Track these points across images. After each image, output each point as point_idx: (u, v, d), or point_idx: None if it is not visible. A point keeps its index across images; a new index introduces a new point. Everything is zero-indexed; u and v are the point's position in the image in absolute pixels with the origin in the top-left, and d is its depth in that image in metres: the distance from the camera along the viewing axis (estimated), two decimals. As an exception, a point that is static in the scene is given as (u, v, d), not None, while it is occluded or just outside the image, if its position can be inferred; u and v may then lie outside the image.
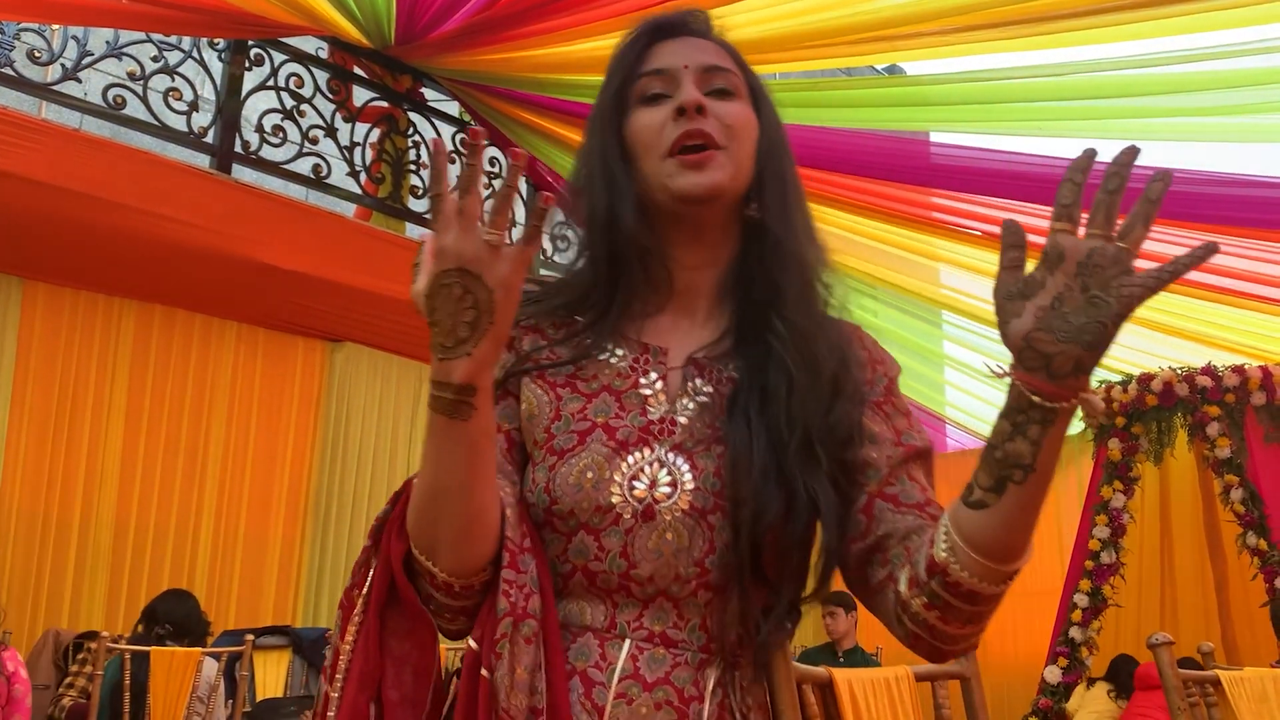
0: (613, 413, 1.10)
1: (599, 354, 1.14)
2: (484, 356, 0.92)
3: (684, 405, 1.11)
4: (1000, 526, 0.93)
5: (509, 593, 0.97)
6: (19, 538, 5.12)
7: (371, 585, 1.02)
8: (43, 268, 5.17)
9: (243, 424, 5.91)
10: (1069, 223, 0.90)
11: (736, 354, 1.14)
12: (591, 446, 1.08)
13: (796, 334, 1.11)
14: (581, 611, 1.06)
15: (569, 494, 1.06)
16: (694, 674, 1.04)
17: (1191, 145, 5.15)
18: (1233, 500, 5.91)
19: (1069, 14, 4.33)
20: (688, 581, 1.04)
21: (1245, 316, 6.01)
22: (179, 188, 4.73)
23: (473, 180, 0.88)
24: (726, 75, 1.16)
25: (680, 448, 1.08)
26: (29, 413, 5.20)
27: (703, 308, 1.18)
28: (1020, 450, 0.90)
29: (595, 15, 4.95)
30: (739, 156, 1.14)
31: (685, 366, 1.14)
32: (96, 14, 4.84)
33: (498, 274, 0.89)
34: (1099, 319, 0.85)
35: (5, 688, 4.02)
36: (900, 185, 5.76)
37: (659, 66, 1.16)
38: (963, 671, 1.69)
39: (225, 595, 5.73)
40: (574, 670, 1.03)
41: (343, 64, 5.88)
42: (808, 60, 5.35)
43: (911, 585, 1.00)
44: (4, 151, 4.28)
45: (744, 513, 1.03)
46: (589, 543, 1.05)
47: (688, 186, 1.11)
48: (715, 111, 1.13)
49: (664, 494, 1.05)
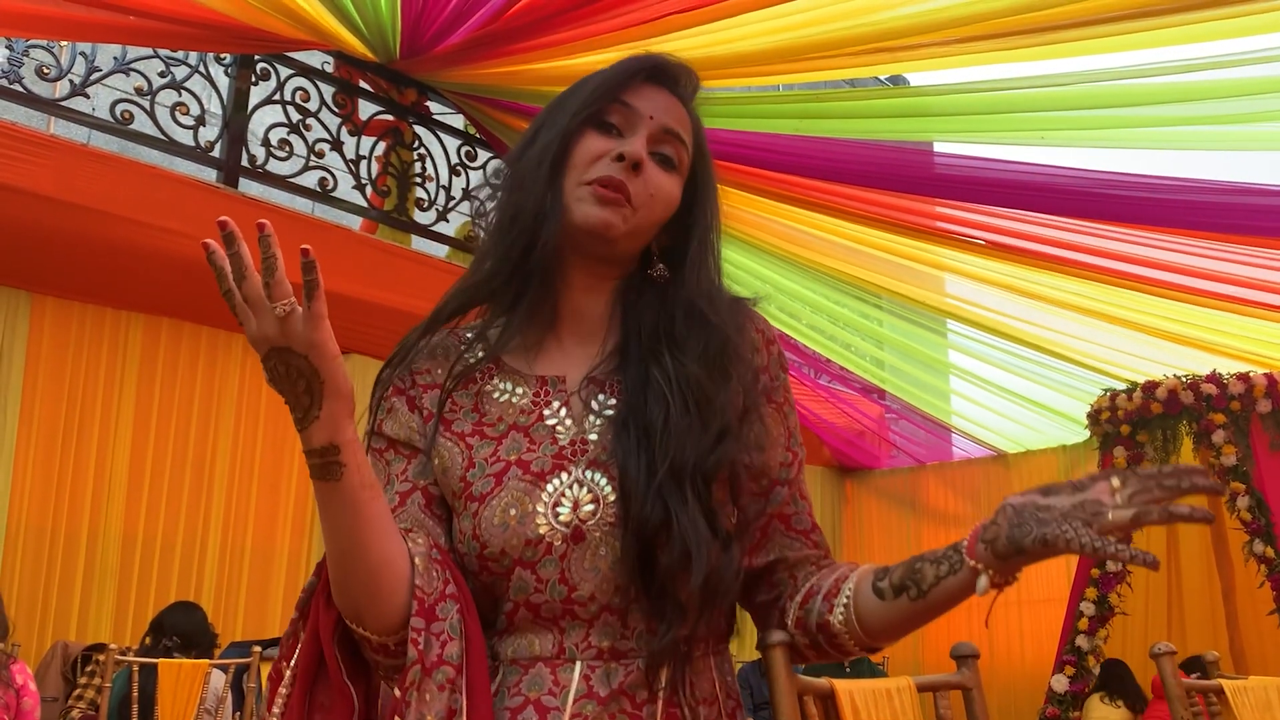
0: (524, 448, 1.12)
1: (498, 395, 1.17)
2: (333, 414, 0.95)
3: (591, 422, 1.13)
4: (891, 620, 1.09)
5: (416, 641, 0.98)
6: (27, 550, 5.14)
7: (299, 660, 1.04)
8: (51, 281, 5.20)
9: (250, 436, 5.93)
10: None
11: (623, 373, 1.16)
12: (509, 485, 1.09)
13: (681, 372, 1.13)
14: (530, 644, 1.08)
15: (496, 535, 1.07)
16: (644, 678, 1.06)
17: (1195, 154, 5.16)
18: (1239, 508, 5.90)
19: (1071, 24, 4.34)
20: (627, 590, 1.06)
21: (1250, 324, 6.01)
22: (186, 202, 4.75)
23: (240, 269, 0.92)
24: (677, 147, 1.19)
25: (595, 463, 1.10)
26: (37, 425, 5.22)
27: (589, 329, 1.20)
28: (926, 576, 1.06)
29: (598, 29, 4.98)
30: (641, 222, 1.16)
31: (585, 387, 1.16)
32: (104, 30, 4.88)
33: (301, 339, 0.93)
34: (1045, 535, 0.98)
35: (14, 701, 4.04)
36: (905, 195, 5.77)
37: (630, 102, 1.18)
38: (964, 681, 1.70)
39: (232, 607, 5.75)
40: (528, 700, 1.05)
41: (348, 78, 5.91)
42: (812, 72, 5.37)
43: (799, 626, 1.16)
44: (13, 167, 4.31)
45: (630, 526, 1.06)
46: (526, 578, 1.07)
47: (585, 216, 1.14)
48: (647, 175, 1.15)
49: (588, 512, 1.07)
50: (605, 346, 1.18)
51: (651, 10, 4.80)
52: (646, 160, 1.16)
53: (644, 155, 1.15)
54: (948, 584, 1.04)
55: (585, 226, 1.14)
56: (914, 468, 9.04)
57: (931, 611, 1.07)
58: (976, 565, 1.02)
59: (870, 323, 7.89)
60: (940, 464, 8.93)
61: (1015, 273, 6.11)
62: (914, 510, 8.90)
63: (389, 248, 5.59)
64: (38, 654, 4.96)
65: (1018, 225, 5.61)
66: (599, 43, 5.09)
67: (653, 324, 1.16)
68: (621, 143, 1.15)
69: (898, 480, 9.05)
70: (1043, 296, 6.27)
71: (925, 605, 1.06)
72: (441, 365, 1.20)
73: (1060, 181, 5.22)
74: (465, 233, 6.40)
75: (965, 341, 7.39)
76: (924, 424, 8.66)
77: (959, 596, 1.05)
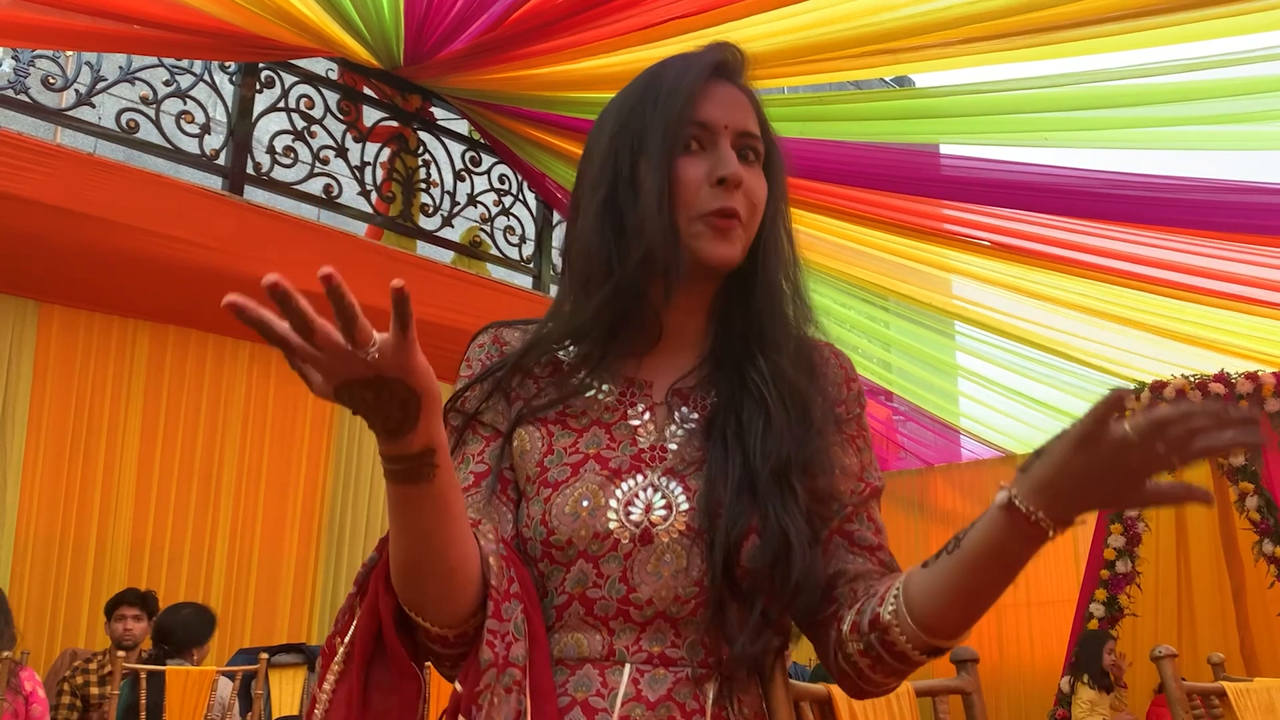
0: (604, 444, 1.12)
1: (586, 391, 1.16)
2: (430, 422, 0.90)
3: (673, 432, 1.13)
4: (935, 592, 1.01)
5: (493, 643, 0.98)
6: (36, 559, 5.16)
7: (355, 636, 1.02)
8: (58, 290, 5.21)
9: (257, 444, 5.94)
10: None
11: (714, 381, 1.16)
12: (585, 477, 1.09)
13: (776, 370, 1.13)
14: (578, 644, 1.07)
15: (566, 523, 1.07)
16: (694, 689, 1.05)
17: (1201, 153, 5.14)
18: (1248, 508, 5.89)
19: (1077, 24, 4.33)
20: (686, 602, 1.06)
21: (1258, 323, 5.99)
22: (192, 210, 4.77)
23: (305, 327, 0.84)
24: (756, 143, 1.17)
25: (672, 471, 1.10)
26: (45, 435, 5.24)
27: (685, 343, 1.20)
28: (965, 531, 0.98)
29: (602, 33, 4.98)
30: (752, 229, 1.16)
31: (669, 398, 1.16)
32: (109, 40, 4.89)
33: (396, 366, 0.86)
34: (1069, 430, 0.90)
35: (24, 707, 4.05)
36: (911, 197, 5.76)
37: (704, 120, 1.14)
38: (964, 686, 1.69)
39: (240, 614, 5.76)
40: (574, 701, 1.04)
41: (352, 85, 5.92)
42: (817, 73, 5.37)
43: (853, 630, 1.07)
44: (20, 176, 4.33)
45: (718, 527, 1.05)
46: (588, 570, 1.06)
47: (711, 253, 1.12)
48: (746, 186, 1.14)
49: (660, 517, 1.07)
50: (693, 356, 1.18)
51: (655, 14, 4.80)
52: (745, 177, 1.14)
53: (741, 172, 1.13)
54: (981, 527, 0.96)
55: (715, 263, 1.13)
56: (922, 469, 9.02)
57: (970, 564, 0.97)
58: (1003, 484, 0.94)
59: (877, 325, 7.89)
60: (948, 465, 8.91)
61: (1022, 274, 6.10)
62: (922, 512, 8.88)
63: (394, 253, 5.60)
64: (47, 662, 4.97)
65: (1024, 226, 5.60)
66: (602, 47, 5.10)
67: (742, 328, 1.16)
68: (713, 161, 1.13)
69: (906, 482, 9.03)
70: (1049, 297, 6.25)
71: (962, 557, 0.97)
72: (532, 349, 1.18)
73: (1066, 182, 5.20)
74: (470, 238, 6.41)
75: (972, 343, 7.38)
76: (932, 426, 8.64)
77: (991, 535, 0.95)
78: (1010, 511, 0.92)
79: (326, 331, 0.84)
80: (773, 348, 1.15)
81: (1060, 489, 0.90)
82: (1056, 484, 0.90)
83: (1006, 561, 0.96)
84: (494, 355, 1.20)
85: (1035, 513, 0.91)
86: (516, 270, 6.50)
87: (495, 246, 6.42)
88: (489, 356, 1.20)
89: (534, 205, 6.75)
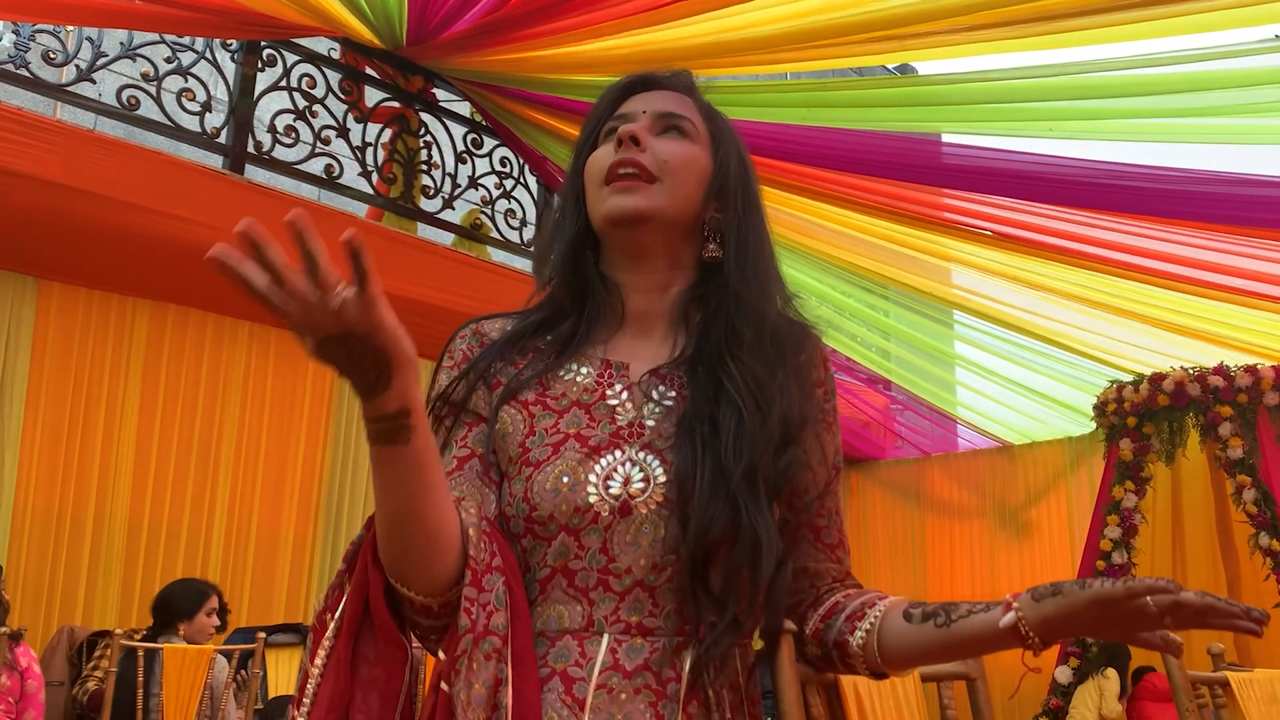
0: (584, 424, 1.16)
1: (564, 374, 1.20)
2: (404, 383, 0.94)
3: (650, 409, 1.17)
4: (911, 647, 1.12)
5: (470, 610, 1.00)
6: (33, 535, 5.15)
7: (345, 610, 1.05)
8: (57, 267, 5.19)
9: (255, 422, 5.93)
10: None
11: (691, 377, 1.19)
12: (565, 454, 1.13)
13: (750, 377, 1.16)
14: (560, 616, 1.10)
15: (547, 499, 1.11)
16: (671, 657, 1.08)
17: (1205, 146, 5.12)
18: (1245, 501, 5.89)
19: (1081, 13, 4.31)
20: (664, 569, 1.09)
21: (1258, 316, 5.99)
22: (192, 188, 4.75)
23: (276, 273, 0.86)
24: (683, 121, 1.22)
25: (650, 446, 1.13)
26: (43, 412, 5.23)
27: (658, 330, 1.23)
28: (960, 609, 1.10)
29: (605, 15, 4.96)
30: (674, 190, 1.19)
31: (646, 379, 1.19)
32: (110, 15, 4.87)
33: (360, 322, 0.89)
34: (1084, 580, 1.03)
35: (19, 683, 4.06)
36: (912, 186, 5.75)
37: (623, 111, 1.23)
38: (968, 672, 1.69)
39: (238, 593, 5.75)
40: (554, 671, 1.07)
41: (355, 65, 5.89)
42: (819, 60, 5.34)
43: (815, 637, 1.20)
44: (19, 152, 4.31)
45: (690, 527, 1.07)
46: (569, 543, 1.10)
47: (610, 209, 1.18)
48: (654, 146, 1.19)
49: (638, 489, 1.10)
50: (675, 352, 1.21)
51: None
52: (647, 135, 1.19)
53: (636, 129, 1.19)
54: (978, 618, 1.07)
55: (615, 217, 1.18)
56: (919, 459, 9.03)
57: (954, 645, 1.10)
58: (1011, 601, 1.05)
59: (876, 313, 7.88)
60: (945, 455, 8.92)
61: (1022, 264, 6.09)
62: (919, 501, 8.90)
63: (395, 235, 5.58)
64: (44, 639, 4.97)
65: (1025, 216, 5.59)
66: (606, 29, 5.07)
67: (720, 332, 1.19)
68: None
69: (903, 471, 9.04)
70: (1049, 288, 6.25)
71: (949, 635, 1.09)
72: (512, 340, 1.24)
73: (1069, 173, 5.19)
74: (470, 220, 6.39)
75: (971, 333, 7.37)
76: (929, 415, 8.65)
77: (984, 635, 1.07)
78: (1013, 631, 1.04)
79: (294, 283, 0.87)
80: (744, 345, 1.18)
81: (1063, 627, 1.03)
82: (1061, 622, 1.02)
83: (987, 650, 1.12)
84: (475, 347, 1.24)
85: (1033, 636, 1.04)
86: (517, 253, 6.49)
87: (496, 229, 6.41)
88: (470, 348, 1.24)
89: (535, 188, 6.73)
